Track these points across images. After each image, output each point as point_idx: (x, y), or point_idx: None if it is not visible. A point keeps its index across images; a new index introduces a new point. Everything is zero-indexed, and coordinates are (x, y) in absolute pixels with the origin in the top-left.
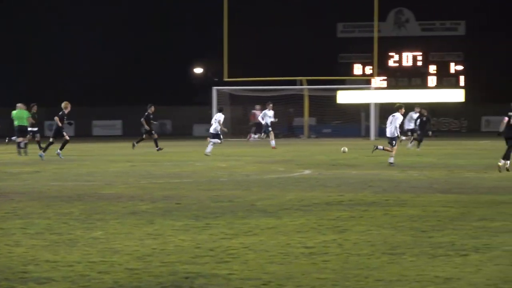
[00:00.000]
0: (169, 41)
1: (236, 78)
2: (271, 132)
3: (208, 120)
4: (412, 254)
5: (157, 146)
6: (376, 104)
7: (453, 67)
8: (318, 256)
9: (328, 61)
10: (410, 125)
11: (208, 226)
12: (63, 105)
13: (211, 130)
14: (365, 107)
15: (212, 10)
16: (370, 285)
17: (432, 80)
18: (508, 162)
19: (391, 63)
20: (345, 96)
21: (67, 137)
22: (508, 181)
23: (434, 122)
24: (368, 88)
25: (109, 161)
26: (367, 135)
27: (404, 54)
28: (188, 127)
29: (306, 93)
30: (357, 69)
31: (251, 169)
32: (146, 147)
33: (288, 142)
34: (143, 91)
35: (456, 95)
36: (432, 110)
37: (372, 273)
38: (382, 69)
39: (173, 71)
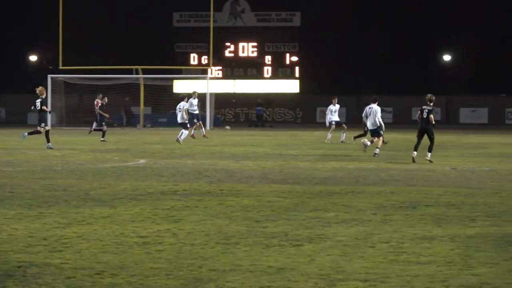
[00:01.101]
0: (1, 27)
1: (71, 66)
2: (199, 122)
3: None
4: (246, 244)
5: (103, 137)
6: (211, 94)
7: (289, 58)
8: (152, 245)
9: (165, 51)
10: (332, 118)
11: (41, 215)
12: (39, 90)
13: (178, 119)
14: (202, 97)
15: None
16: (203, 274)
17: (267, 71)
18: (429, 154)
19: (227, 53)
20: (181, 86)
21: (48, 127)
22: (341, 171)
23: (269, 112)
24: (204, 78)
25: None
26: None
27: (240, 45)
28: (22, 115)
29: (142, 82)
30: (193, 59)
31: (85, 158)
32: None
33: (124, 131)
34: None
35: (292, 86)
36: (268, 101)
37: (206, 263)
38: (218, 59)
39: (7, 58)
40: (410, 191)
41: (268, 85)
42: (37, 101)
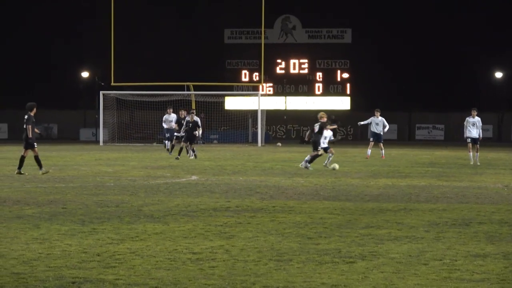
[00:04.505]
0: (56, 43)
1: (123, 82)
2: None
3: (95, 125)
4: (299, 261)
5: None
6: (262, 111)
7: (340, 75)
8: (205, 262)
9: (216, 67)
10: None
11: (94, 231)
12: (320, 115)
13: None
14: (253, 113)
15: (98, 14)
16: None
17: (318, 88)
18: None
19: (278, 70)
20: (233, 102)
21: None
22: (392, 188)
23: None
24: (256, 95)
25: None
26: (254, 141)
27: (291, 61)
28: (74, 132)
29: (193, 99)
30: (245, 75)
31: (137, 174)
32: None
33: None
34: (30, 95)
35: (343, 103)
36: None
37: (259, 280)
38: (269, 76)
39: (59, 75)
40: (463, 209)
41: (319, 102)
42: (315, 125)
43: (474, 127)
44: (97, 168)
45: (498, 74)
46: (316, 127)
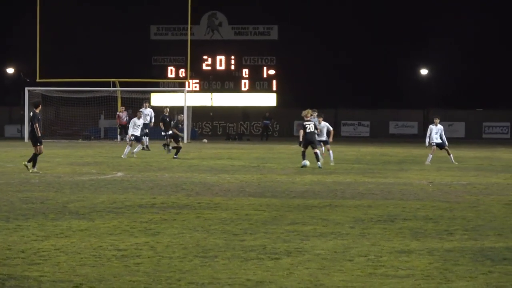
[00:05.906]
0: None
1: (49, 78)
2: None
3: (20, 121)
4: (224, 257)
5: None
6: (189, 107)
7: (266, 71)
8: (130, 258)
9: (142, 63)
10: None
11: (19, 228)
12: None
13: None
14: (179, 109)
15: (24, 9)
16: None
17: (245, 84)
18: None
19: (204, 66)
20: (159, 99)
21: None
22: (318, 185)
23: (246, 125)
24: (182, 91)
25: None
26: None
27: (218, 58)
28: None
29: (119, 95)
30: (171, 72)
31: (62, 170)
32: None
33: (101, 144)
34: None
35: (269, 99)
36: (245, 115)
37: (185, 276)
38: (196, 73)
39: None
40: (388, 205)
41: (245, 99)
42: (306, 123)
43: (437, 135)
44: (22, 165)
45: (423, 71)
46: (310, 126)
